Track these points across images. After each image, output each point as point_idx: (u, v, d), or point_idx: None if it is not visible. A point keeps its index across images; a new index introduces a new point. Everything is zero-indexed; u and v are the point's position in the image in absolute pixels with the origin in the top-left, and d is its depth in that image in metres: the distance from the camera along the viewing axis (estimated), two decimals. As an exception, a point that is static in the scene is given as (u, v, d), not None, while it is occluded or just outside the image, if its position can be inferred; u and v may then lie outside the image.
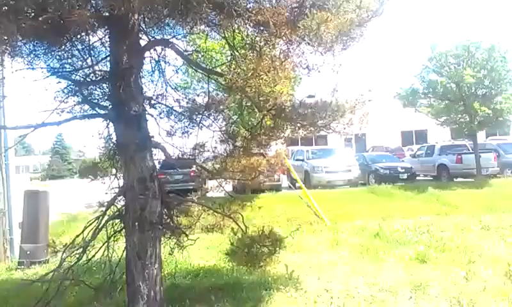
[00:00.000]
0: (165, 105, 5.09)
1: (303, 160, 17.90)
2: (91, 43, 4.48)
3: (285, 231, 7.82)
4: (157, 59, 4.93)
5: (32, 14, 3.26)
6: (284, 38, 3.87)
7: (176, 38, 4.88)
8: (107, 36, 4.36)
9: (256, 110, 4.59)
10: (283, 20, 3.62)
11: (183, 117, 5.12)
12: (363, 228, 9.47)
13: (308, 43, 3.97)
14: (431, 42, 16.63)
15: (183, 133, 5.13)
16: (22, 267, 7.47)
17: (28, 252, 7.61)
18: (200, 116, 4.99)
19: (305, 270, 6.07)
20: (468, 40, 15.59)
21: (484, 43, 15.60)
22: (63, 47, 4.21)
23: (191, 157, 5.12)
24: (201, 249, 7.55)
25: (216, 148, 5.20)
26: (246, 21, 3.92)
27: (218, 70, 5.23)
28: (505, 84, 15.86)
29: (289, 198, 12.94)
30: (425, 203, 12.66)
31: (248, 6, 3.82)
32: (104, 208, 4.45)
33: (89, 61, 4.56)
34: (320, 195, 12.83)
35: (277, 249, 4.98)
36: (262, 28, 4.07)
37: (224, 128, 5.21)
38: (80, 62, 4.59)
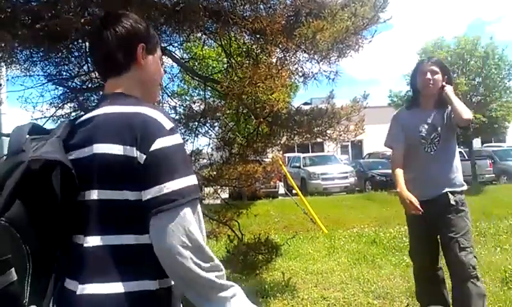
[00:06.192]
0: (161, 112, 5.09)
1: (299, 167, 17.92)
2: (88, 50, 4.49)
3: (282, 238, 7.81)
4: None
5: (29, 22, 3.27)
6: (280, 46, 3.89)
7: (173, 46, 4.90)
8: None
9: (252, 117, 4.60)
10: (280, 28, 3.64)
11: (179, 124, 5.13)
12: (360, 235, 9.47)
13: (304, 51, 4.00)
14: (423, 43, 16.81)
15: (179, 140, 5.12)
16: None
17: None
18: (196, 123, 5.00)
19: (302, 277, 6.05)
20: (463, 48, 15.75)
21: (478, 51, 15.76)
22: (60, 53, 4.21)
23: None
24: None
25: (212, 155, 5.21)
26: (243, 29, 3.95)
27: (215, 77, 5.25)
28: (499, 92, 16.01)
29: (286, 205, 12.91)
30: (422, 209, 12.66)
31: (245, 14, 3.84)
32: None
33: (85, 67, 4.57)
34: (316, 202, 12.82)
35: (273, 256, 4.97)
36: (258, 36, 4.10)
37: (220, 135, 5.21)
38: (77, 69, 4.60)
